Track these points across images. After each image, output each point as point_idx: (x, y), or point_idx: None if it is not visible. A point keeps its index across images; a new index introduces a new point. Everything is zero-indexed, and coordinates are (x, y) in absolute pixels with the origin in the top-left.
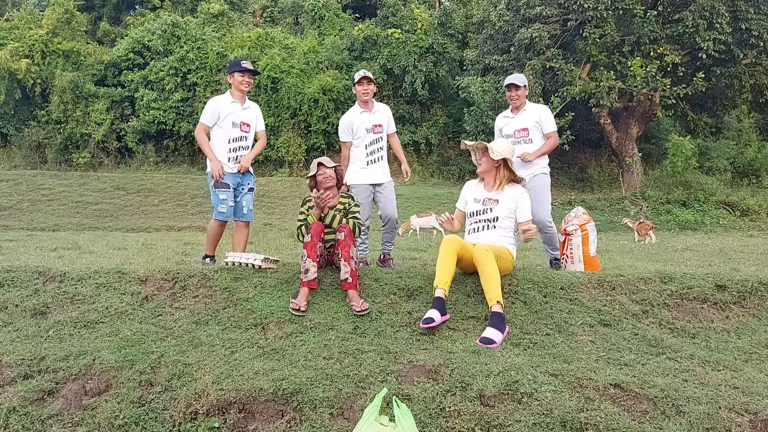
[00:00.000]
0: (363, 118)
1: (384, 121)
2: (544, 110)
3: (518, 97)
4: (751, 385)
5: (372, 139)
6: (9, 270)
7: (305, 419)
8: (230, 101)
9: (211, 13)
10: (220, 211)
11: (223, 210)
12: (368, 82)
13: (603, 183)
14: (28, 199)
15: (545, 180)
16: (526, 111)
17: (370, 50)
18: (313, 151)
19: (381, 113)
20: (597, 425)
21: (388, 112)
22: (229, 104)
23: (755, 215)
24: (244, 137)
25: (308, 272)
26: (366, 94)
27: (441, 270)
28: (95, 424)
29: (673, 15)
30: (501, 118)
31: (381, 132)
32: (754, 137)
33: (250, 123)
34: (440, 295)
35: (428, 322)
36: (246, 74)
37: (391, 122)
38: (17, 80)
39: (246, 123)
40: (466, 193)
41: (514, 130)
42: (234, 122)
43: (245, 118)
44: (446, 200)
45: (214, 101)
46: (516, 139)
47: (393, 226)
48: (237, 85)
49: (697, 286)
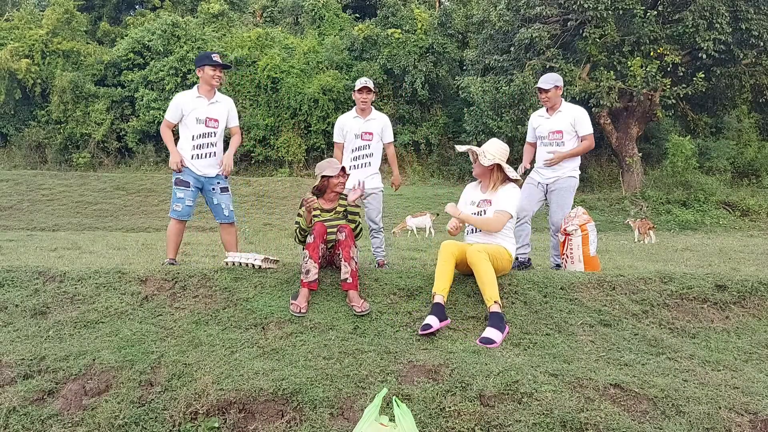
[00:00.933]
0: (355, 123)
1: (376, 130)
2: (580, 112)
3: (548, 99)
4: (751, 385)
5: (358, 145)
6: (9, 270)
7: (305, 419)
8: (195, 96)
9: (211, 13)
10: (175, 209)
11: (178, 208)
12: (368, 92)
13: (603, 183)
14: (28, 199)
15: (573, 183)
16: (562, 112)
17: (370, 50)
18: (313, 151)
19: (375, 122)
20: (597, 425)
21: (385, 121)
22: (193, 99)
23: (755, 215)
24: (210, 133)
25: (309, 273)
26: (364, 103)
27: (439, 277)
28: (95, 424)
29: (673, 15)
30: (536, 117)
31: (370, 140)
32: (754, 137)
33: (218, 118)
34: (439, 301)
35: (426, 328)
36: (217, 68)
37: (386, 132)
38: (17, 80)
39: (212, 118)
40: (465, 196)
41: (549, 132)
42: (198, 118)
43: (212, 113)
44: (446, 200)
45: (177, 97)
46: (550, 140)
47: (378, 231)
48: (207, 80)
49: (697, 286)
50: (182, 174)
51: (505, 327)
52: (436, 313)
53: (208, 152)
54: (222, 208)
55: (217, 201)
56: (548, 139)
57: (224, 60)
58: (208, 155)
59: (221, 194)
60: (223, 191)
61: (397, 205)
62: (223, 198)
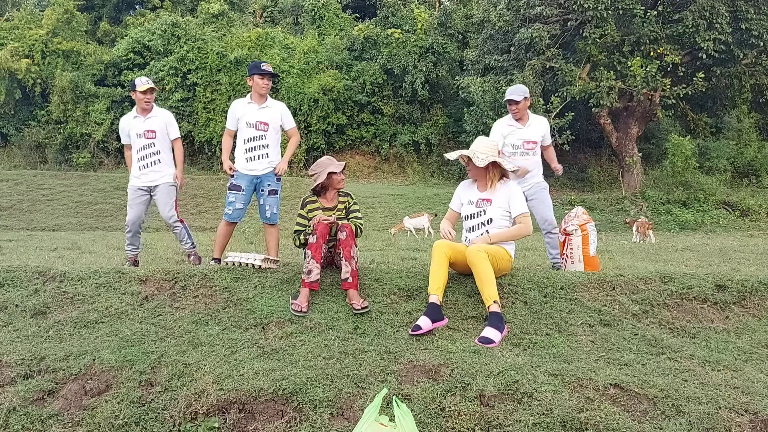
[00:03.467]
0: (250, 109)
1: (271, 119)
2: (546, 124)
3: (518, 110)
4: (751, 385)
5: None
6: (9, 270)
7: (305, 419)
8: (246, 102)
9: (211, 13)
10: (226, 212)
11: (229, 211)
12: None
13: (603, 183)
14: (28, 199)
15: (545, 185)
16: (533, 124)
17: (370, 50)
18: (313, 151)
19: (272, 110)
20: (597, 425)
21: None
22: (245, 105)
23: (755, 215)
24: (260, 136)
25: (311, 273)
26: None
27: (433, 277)
28: (95, 424)
29: (673, 15)
30: (505, 125)
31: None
32: (754, 137)
33: (268, 122)
34: (434, 301)
35: (416, 329)
36: (265, 77)
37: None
38: (17, 80)
39: (263, 122)
40: (461, 195)
41: (523, 141)
42: (248, 122)
43: (262, 117)
44: (446, 200)
45: (232, 105)
46: (525, 149)
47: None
48: (256, 88)
49: (697, 286)
50: (235, 178)
51: (504, 327)
52: (429, 314)
53: (259, 154)
54: (266, 209)
55: (263, 202)
56: (523, 148)
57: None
58: (260, 157)
59: (268, 196)
60: (271, 194)
61: (396, 205)
62: (269, 200)
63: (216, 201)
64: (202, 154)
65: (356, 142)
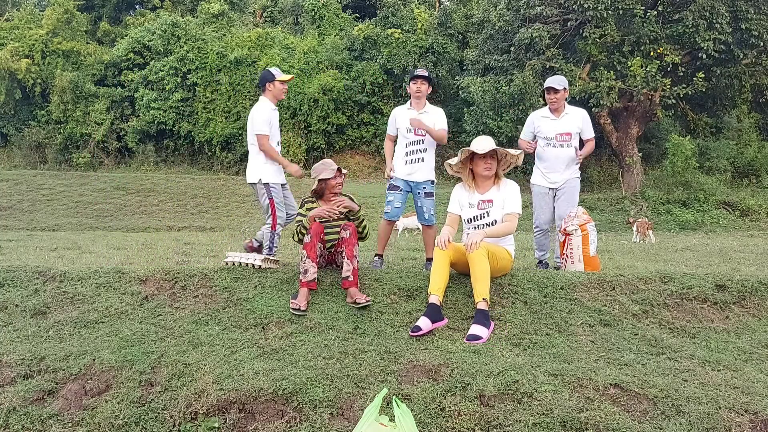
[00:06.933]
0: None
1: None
2: (585, 115)
3: (557, 100)
4: (751, 385)
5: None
6: (9, 270)
7: (305, 419)
8: (406, 108)
9: (211, 13)
10: (385, 211)
11: (388, 210)
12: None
13: (603, 183)
14: (28, 199)
15: (578, 183)
16: (569, 114)
17: (370, 50)
18: (313, 151)
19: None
20: (597, 425)
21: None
22: (404, 111)
23: (755, 215)
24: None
25: (307, 272)
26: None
27: (434, 277)
28: (95, 424)
29: (673, 15)
30: (539, 117)
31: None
32: (754, 137)
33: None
34: (434, 302)
35: (416, 330)
36: (418, 81)
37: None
38: (17, 80)
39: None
40: (460, 198)
41: (557, 134)
42: (408, 128)
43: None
44: (446, 200)
45: (393, 112)
46: (558, 141)
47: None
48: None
49: (697, 286)
50: (393, 180)
51: (490, 323)
52: (429, 315)
53: (416, 158)
54: (423, 211)
55: (420, 204)
56: (556, 140)
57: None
58: (416, 161)
59: (425, 198)
60: (427, 196)
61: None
62: (426, 202)
63: (216, 201)
64: (202, 154)
65: (356, 142)
